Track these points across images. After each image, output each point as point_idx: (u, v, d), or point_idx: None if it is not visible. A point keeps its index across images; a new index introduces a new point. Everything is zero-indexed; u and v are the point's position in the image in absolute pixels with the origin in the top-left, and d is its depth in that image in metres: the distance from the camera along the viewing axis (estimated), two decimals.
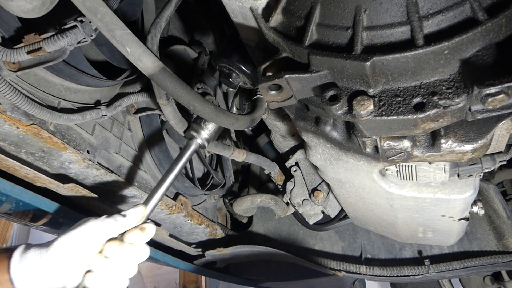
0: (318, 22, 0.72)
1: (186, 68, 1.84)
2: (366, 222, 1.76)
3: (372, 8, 0.66)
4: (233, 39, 1.48)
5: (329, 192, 1.77)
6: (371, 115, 0.67)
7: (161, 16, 1.05)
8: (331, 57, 0.68)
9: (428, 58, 0.63)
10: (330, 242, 2.16)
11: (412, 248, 1.98)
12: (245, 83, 1.55)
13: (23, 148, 1.12)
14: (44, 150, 1.15)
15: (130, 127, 1.60)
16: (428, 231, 1.53)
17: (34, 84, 1.13)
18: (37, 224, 1.29)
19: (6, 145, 1.09)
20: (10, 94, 0.97)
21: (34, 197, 1.18)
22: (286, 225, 2.28)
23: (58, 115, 1.12)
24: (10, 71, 1.02)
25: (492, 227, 1.83)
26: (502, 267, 1.77)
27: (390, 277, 1.86)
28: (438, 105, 0.64)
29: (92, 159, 1.29)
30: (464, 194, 1.14)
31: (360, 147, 0.93)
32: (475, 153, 0.78)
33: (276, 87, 0.76)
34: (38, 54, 0.98)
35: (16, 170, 1.14)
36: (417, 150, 0.84)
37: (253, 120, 1.18)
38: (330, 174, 1.29)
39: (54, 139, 1.14)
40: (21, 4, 0.80)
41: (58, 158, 1.19)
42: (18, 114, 1.07)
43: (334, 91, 0.71)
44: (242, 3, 0.86)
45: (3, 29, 1.01)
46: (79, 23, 0.99)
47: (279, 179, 1.96)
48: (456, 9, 0.62)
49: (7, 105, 1.04)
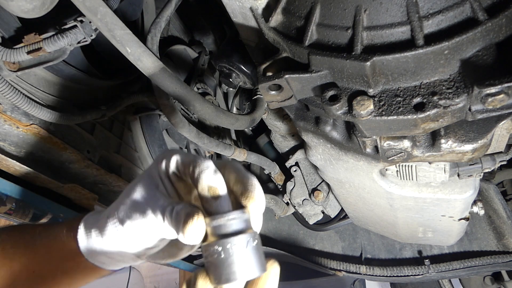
0: (318, 22, 0.72)
1: (186, 68, 1.84)
2: (366, 222, 1.76)
3: (372, 8, 0.66)
4: (233, 39, 1.48)
5: (329, 192, 1.77)
6: (371, 115, 0.67)
7: (161, 16, 1.05)
8: (331, 57, 0.68)
9: (428, 58, 0.63)
10: (330, 242, 2.16)
11: (412, 248, 1.98)
12: (245, 83, 1.55)
13: (23, 148, 1.12)
14: (44, 150, 1.15)
15: (130, 127, 1.60)
16: (428, 231, 1.53)
17: (34, 84, 1.13)
18: None
19: (6, 145, 1.09)
20: (10, 94, 0.97)
21: (34, 197, 1.18)
22: (286, 225, 2.28)
23: (58, 115, 1.12)
24: (10, 71, 1.02)
25: (492, 227, 1.83)
26: (502, 267, 1.77)
27: (390, 277, 1.86)
28: (438, 105, 0.64)
29: (92, 159, 1.29)
30: (464, 194, 1.14)
31: (360, 147, 0.93)
32: (475, 153, 0.78)
33: (276, 87, 0.76)
34: (38, 54, 0.98)
35: (16, 170, 1.14)
36: (417, 150, 0.84)
37: (253, 120, 1.19)
38: (330, 174, 1.29)
39: (54, 139, 1.14)
40: (21, 4, 0.80)
41: (58, 158, 1.19)
42: (18, 114, 1.07)
43: (334, 91, 0.71)
44: (242, 3, 0.86)
45: (3, 29, 1.01)
46: (79, 23, 0.99)
47: (279, 179, 1.96)
48: (456, 9, 0.62)
49: (7, 105, 1.04)
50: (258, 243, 0.52)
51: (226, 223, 0.51)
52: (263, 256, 0.52)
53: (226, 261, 0.49)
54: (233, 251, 0.49)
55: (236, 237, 0.49)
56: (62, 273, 0.67)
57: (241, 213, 0.52)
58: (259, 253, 0.51)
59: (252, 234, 0.51)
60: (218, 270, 0.49)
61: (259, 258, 0.51)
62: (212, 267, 0.49)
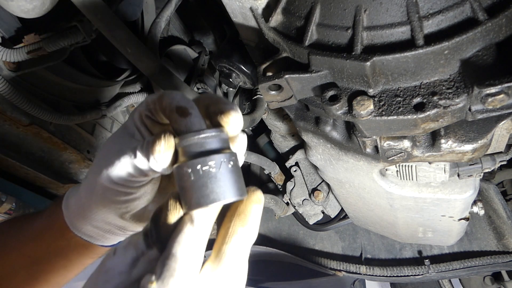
0: (318, 22, 0.72)
1: (186, 68, 1.84)
2: (366, 222, 1.76)
3: (372, 8, 0.66)
4: (233, 39, 1.48)
5: (329, 192, 1.77)
6: (371, 115, 0.67)
7: (161, 16, 1.05)
8: (331, 57, 0.68)
9: (428, 58, 0.63)
10: (330, 242, 2.16)
11: (412, 248, 1.98)
12: (245, 83, 1.55)
13: (23, 148, 1.12)
14: (44, 150, 1.15)
15: None
16: (428, 231, 1.53)
17: (34, 84, 1.13)
18: None
19: (6, 145, 1.09)
20: (10, 94, 0.97)
21: (34, 197, 1.18)
22: (286, 225, 2.28)
23: (58, 115, 1.12)
24: (10, 71, 1.02)
25: (492, 227, 1.83)
26: (502, 267, 1.77)
27: (390, 277, 1.86)
28: (438, 105, 0.64)
29: (92, 159, 1.29)
30: (464, 194, 1.14)
31: (360, 147, 0.93)
32: (475, 153, 0.78)
33: (276, 87, 0.76)
34: (38, 54, 0.98)
35: (16, 170, 1.14)
36: (417, 150, 0.84)
37: (253, 120, 1.19)
38: (330, 174, 1.29)
39: (54, 139, 1.14)
40: (21, 4, 0.80)
41: (58, 158, 1.19)
42: (18, 114, 1.07)
43: (334, 91, 0.71)
44: (242, 3, 0.86)
45: (3, 29, 1.01)
46: (79, 23, 0.99)
47: (279, 179, 1.96)
48: (456, 9, 0.62)
49: (7, 105, 1.04)
50: (235, 165, 0.45)
51: (197, 141, 0.45)
52: (241, 181, 0.46)
53: (196, 183, 0.43)
54: (204, 173, 0.43)
55: (207, 157, 0.43)
56: (56, 255, 0.65)
57: (215, 132, 0.46)
58: (237, 176, 0.45)
59: (227, 154, 0.45)
60: (188, 194, 0.43)
61: (235, 182, 0.44)
62: (182, 191, 0.44)
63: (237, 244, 0.43)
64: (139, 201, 0.57)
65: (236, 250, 0.43)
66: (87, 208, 0.58)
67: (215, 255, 0.43)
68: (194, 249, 0.42)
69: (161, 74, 0.95)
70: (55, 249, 0.64)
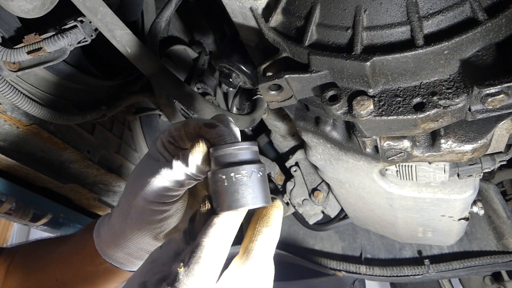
0: (318, 22, 0.72)
1: (186, 68, 1.84)
2: (366, 222, 1.76)
3: (372, 8, 0.66)
4: (233, 39, 1.48)
5: (329, 192, 1.77)
6: (371, 115, 0.67)
7: (161, 16, 1.05)
8: (331, 57, 0.68)
9: (428, 58, 0.63)
10: (330, 242, 2.16)
11: (412, 248, 1.98)
12: (245, 83, 1.55)
13: (23, 148, 1.12)
14: (44, 150, 1.15)
15: (130, 127, 1.60)
16: (428, 231, 1.53)
17: (34, 84, 1.13)
18: (37, 224, 1.29)
19: (6, 145, 1.09)
20: (10, 94, 0.97)
21: (34, 197, 1.18)
22: (286, 225, 2.27)
23: (58, 115, 1.12)
24: (10, 71, 1.02)
25: (492, 227, 1.83)
26: (502, 267, 1.77)
27: (390, 277, 1.86)
28: (438, 105, 0.64)
29: (92, 159, 1.29)
30: (464, 194, 1.14)
31: (360, 147, 0.93)
32: (475, 153, 0.78)
33: (276, 87, 0.76)
34: (38, 54, 0.98)
35: (16, 170, 1.14)
36: (417, 150, 0.84)
37: (253, 120, 1.19)
38: (330, 174, 1.29)
39: (54, 139, 1.14)
40: (21, 4, 0.80)
41: (58, 158, 1.19)
42: (18, 114, 1.07)
43: (334, 91, 0.71)
44: (242, 3, 0.86)
45: (3, 29, 1.01)
46: (79, 23, 0.99)
47: (279, 179, 1.96)
48: (456, 9, 0.62)
49: (7, 105, 1.04)
50: (263, 176, 0.52)
51: (232, 152, 0.51)
52: (268, 189, 0.52)
53: (229, 189, 0.49)
54: (237, 180, 0.49)
55: (240, 166, 0.49)
56: (83, 279, 0.68)
57: (247, 144, 0.52)
58: (264, 185, 0.51)
59: (257, 165, 0.51)
60: (220, 198, 0.49)
61: (263, 190, 0.51)
62: (215, 195, 0.50)
63: (263, 242, 0.48)
64: (172, 219, 0.61)
65: (262, 247, 0.48)
66: (120, 235, 0.61)
67: (242, 251, 0.48)
68: (220, 242, 0.46)
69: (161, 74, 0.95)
70: (83, 274, 0.67)
